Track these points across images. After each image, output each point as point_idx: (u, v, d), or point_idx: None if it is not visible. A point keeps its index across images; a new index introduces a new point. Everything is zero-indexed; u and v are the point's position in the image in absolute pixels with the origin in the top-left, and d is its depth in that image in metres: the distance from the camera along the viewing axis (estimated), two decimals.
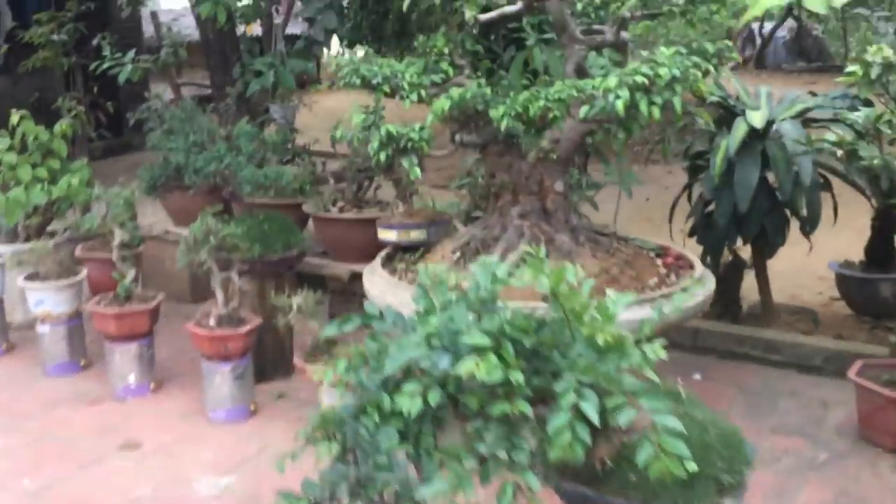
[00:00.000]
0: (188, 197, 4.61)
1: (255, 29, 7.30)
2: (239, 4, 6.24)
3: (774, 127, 4.28)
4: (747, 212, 4.22)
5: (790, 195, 4.17)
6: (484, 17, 3.38)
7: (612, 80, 2.64)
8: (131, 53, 5.77)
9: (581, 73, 3.35)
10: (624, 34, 3.39)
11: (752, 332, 4.55)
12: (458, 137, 3.31)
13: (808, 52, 18.00)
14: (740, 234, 4.41)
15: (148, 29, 9.49)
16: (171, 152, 4.29)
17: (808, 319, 5.14)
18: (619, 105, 2.58)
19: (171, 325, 4.62)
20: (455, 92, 3.08)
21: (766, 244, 4.48)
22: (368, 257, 5.22)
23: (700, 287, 3.27)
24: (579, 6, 3.39)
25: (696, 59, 2.76)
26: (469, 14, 3.37)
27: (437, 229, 3.85)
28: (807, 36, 17.90)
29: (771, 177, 4.32)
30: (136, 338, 4.18)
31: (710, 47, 2.93)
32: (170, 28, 6.34)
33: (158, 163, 4.48)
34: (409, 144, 3.04)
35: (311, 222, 5.35)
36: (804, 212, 4.27)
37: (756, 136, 4.21)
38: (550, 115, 2.89)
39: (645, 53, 2.75)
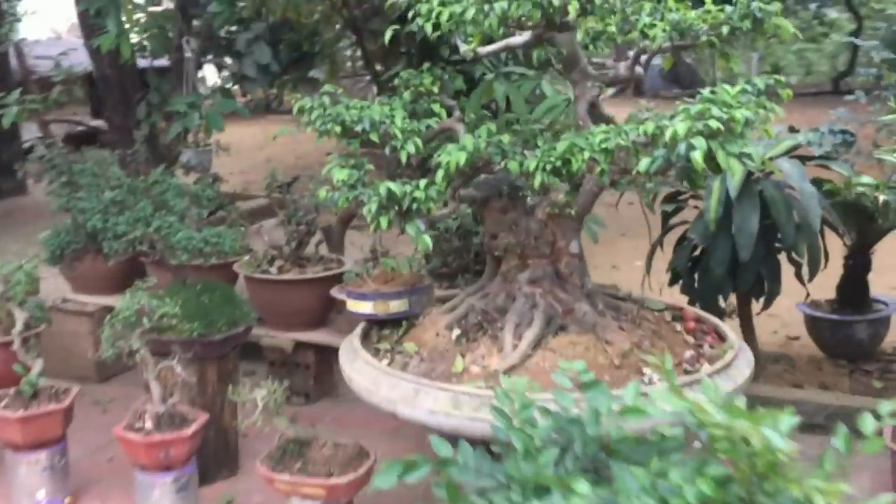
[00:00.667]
0: (103, 266, 3.85)
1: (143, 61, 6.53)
2: (137, 37, 5.49)
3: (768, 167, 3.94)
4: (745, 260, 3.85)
5: (793, 240, 3.83)
6: (486, 49, 2.86)
7: (680, 127, 2.16)
8: (16, 93, 4.94)
9: (597, 113, 2.88)
10: (639, 69, 2.95)
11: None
12: (457, 193, 2.76)
13: (682, 79, 18.49)
14: (737, 284, 4.03)
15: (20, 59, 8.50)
16: (82, 213, 3.55)
17: (791, 367, 4.86)
18: (697, 157, 2.11)
19: (78, 416, 3.83)
20: (468, 142, 2.54)
21: (760, 293, 4.13)
22: (313, 323, 4.60)
23: (744, 360, 2.83)
24: (579, 36, 2.92)
25: (759, 98, 2.33)
26: (466, 48, 2.84)
27: (419, 297, 3.27)
28: (681, 63, 18.37)
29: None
30: (46, 445, 3.39)
31: (759, 82, 2.51)
32: (58, 63, 5.51)
33: (65, 226, 3.70)
34: (415, 205, 2.47)
35: (242, 282, 4.66)
36: (805, 257, 3.94)
37: (750, 177, 3.85)
38: (598, 169, 2.38)
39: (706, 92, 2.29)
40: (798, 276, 4.20)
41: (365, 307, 3.27)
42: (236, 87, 4.61)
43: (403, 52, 5.70)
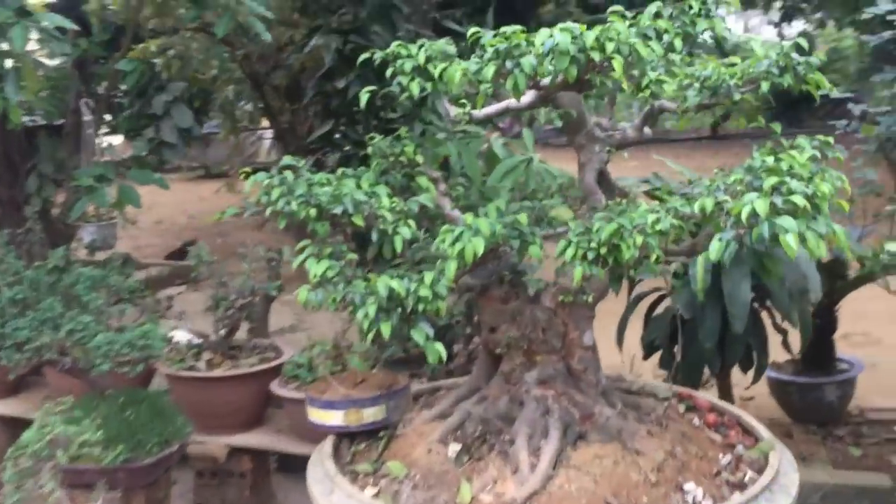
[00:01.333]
0: None
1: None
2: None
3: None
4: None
5: (787, 307, 3.54)
6: (483, 112, 2.43)
7: (760, 205, 1.79)
8: None
9: (607, 183, 2.49)
10: (647, 130, 2.59)
11: None
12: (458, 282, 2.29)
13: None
14: (725, 357, 3.71)
15: None
16: None
17: None
18: (791, 242, 1.73)
19: None
20: (484, 225, 2.09)
21: (749, 366, 3.82)
22: (248, 423, 3.99)
23: (788, 464, 2.46)
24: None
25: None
26: (458, 111, 2.40)
27: (397, 402, 2.77)
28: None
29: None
30: None
31: (805, 143, 2.18)
32: None
33: None
34: (421, 306, 1.99)
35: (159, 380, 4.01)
36: (798, 325, 3.66)
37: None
38: (654, 256, 1.97)
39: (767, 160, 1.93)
40: (785, 344, 3.92)
41: (333, 418, 2.74)
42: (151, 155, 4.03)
43: (331, 112, 5.22)
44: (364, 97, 2.55)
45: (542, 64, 2.06)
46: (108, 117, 4.90)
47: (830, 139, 2.20)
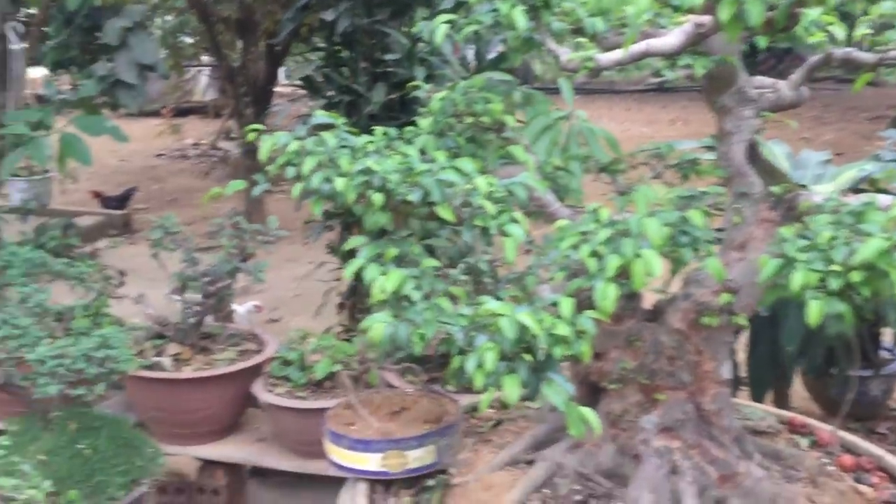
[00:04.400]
0: None
1: None
2: None
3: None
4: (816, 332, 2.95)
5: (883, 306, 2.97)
6: (609, 57, 1.73)
7: None
8: None
9: (759, 159, 1.83)
10: (804, 90, 1.93)
11: None
12: None
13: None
14: (808, 362, 3.14)
15: None
16: None
17: None
18: None
19: None
20: (654, 229, 1.41)
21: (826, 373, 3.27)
22: (222, 431, 3.27)
23: None
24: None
25: None
26: (574, 55, 1.70)
27: (450, 440, 2.10)
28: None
29: None
30: None
31: None
32: None
33: None
34: (557, 351, 1.32)
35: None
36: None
37: None
38: None
39: None
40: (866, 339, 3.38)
41: (367, 462, 2.06)
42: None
43: (321, 47, 4.40)
44: (441, 30, 1.81)
45: None
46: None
47: None
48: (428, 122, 2.00)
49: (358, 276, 4.63)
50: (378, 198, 1.58)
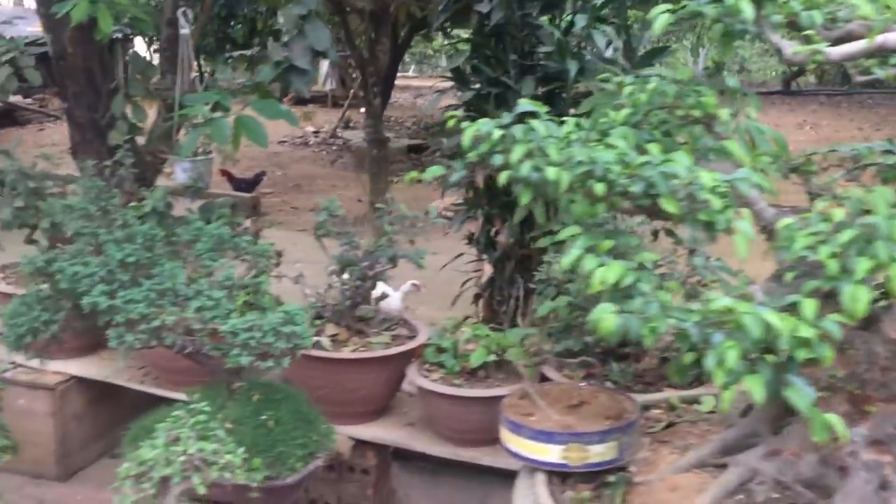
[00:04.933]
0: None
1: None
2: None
3: None
4: None
5: None
6: (841, 50, 1.67)
7: None
8: None
9: None
10: None
11: None
12: None
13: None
14: None
15: None
16: (72, 282, 2.18)
17: None
18: None
19: None
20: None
21: None
22: (374, 413, 3.33)
23: None
24: None
25: None
26: (800, 48, 1.65)
27: (631, 438, 2.08)
28: None
29: None
30: None
31: None
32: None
33: (37, 296, 2.31)
34: (799, 353, 1.28)
35: None
36: None
37: None
38: None
39: None
40: None
41: (548, 454, 2.06)
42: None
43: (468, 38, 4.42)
44: (662, 20, 1.78)
45: None
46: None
47: None
48: (623, 114, 1.98)
49: (498, 268, 4.62)
50: (600, 188, 1.56)
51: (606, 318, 1.46)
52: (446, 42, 13.56)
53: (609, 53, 4.54)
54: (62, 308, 2.37)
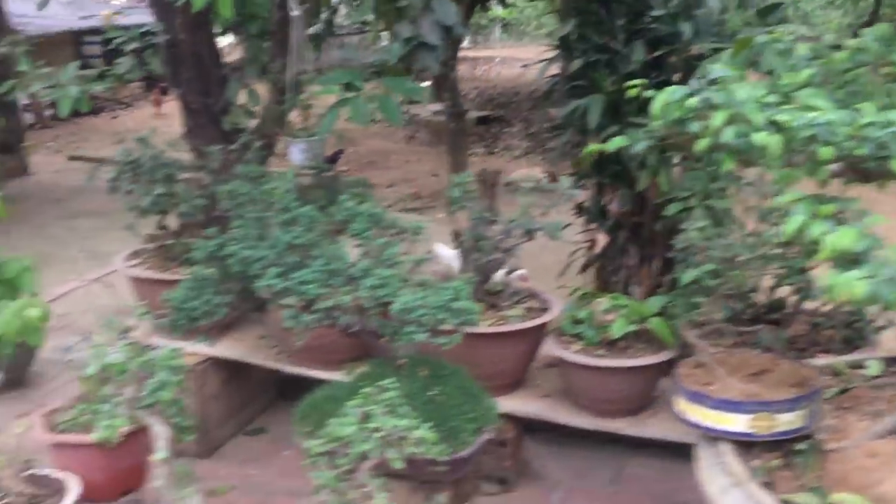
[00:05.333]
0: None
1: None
2: None
3: None
4: None
5: None
6: None
7: None
8: (71, 69, 3.58)
9: None
10: None
11: None
12: None
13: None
14: None
15: None
16: (244, 265, 2.22)
17: None
18: None
19: None
20: None
21: None
22: (510, 386, 3.34)
23: None
24: None
25: None
26: None
27: (816, 406, 2.06)
28: None
29: None
30: None
31: None
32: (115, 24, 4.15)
33: (202, 280, 2.33)
34: None
35: None
36: None
37: None
38: None
39: None
40: None
41: (733, 423, 2.05)
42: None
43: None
44: None
45: None
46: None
47: None
48: (806, 75, 1.93)
49: (612, 237, 4.54)
50: (827, 152, 1.53)
51: (857, 284, 1.43)
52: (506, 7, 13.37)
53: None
54: (231, 291, 2.42)
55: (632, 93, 1.91)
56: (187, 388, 3.58)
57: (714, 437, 2.10)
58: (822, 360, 2.53)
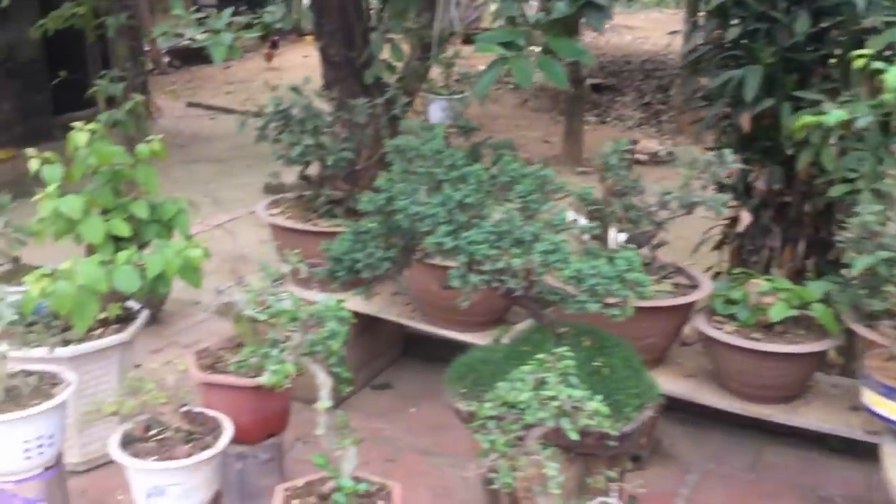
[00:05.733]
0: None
1: None
2: None
3: None
4: None
5: None
6: None
7: None
8: (226, 15, 3.60)
9: None
10: None
11: None
12: None
13: None
14: None
15: None
16: (413, 221, 2.19)
17: None
18: None
19: None
20: None
21: None
22: (651, 363, 3.23)
23: None
24: None
25: None
26: None
27: None
28: None
29: None
30: None
31: None
32: None
33: (364, 234, 2.32)
34: None
35: None
36: None
37: None
38: None
39: None
40: None
41: None
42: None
43: None
44: None
45: None
46: None
47: None
48: None
49: (756, 216, 4.32)
50: None
51: None
52: None
53: None
54: (394, 246, 2.39)
55: (858, 63, 1.77)
56: None
57: (883, 423, 1.98)
58: None
